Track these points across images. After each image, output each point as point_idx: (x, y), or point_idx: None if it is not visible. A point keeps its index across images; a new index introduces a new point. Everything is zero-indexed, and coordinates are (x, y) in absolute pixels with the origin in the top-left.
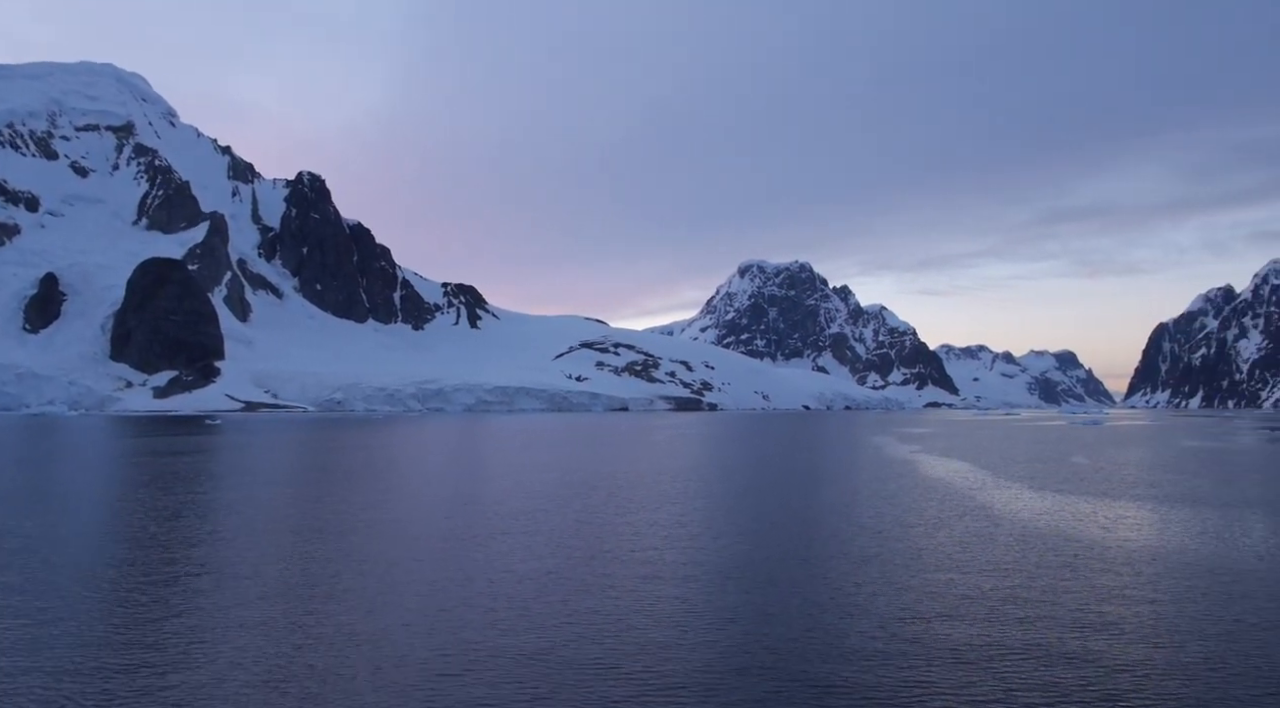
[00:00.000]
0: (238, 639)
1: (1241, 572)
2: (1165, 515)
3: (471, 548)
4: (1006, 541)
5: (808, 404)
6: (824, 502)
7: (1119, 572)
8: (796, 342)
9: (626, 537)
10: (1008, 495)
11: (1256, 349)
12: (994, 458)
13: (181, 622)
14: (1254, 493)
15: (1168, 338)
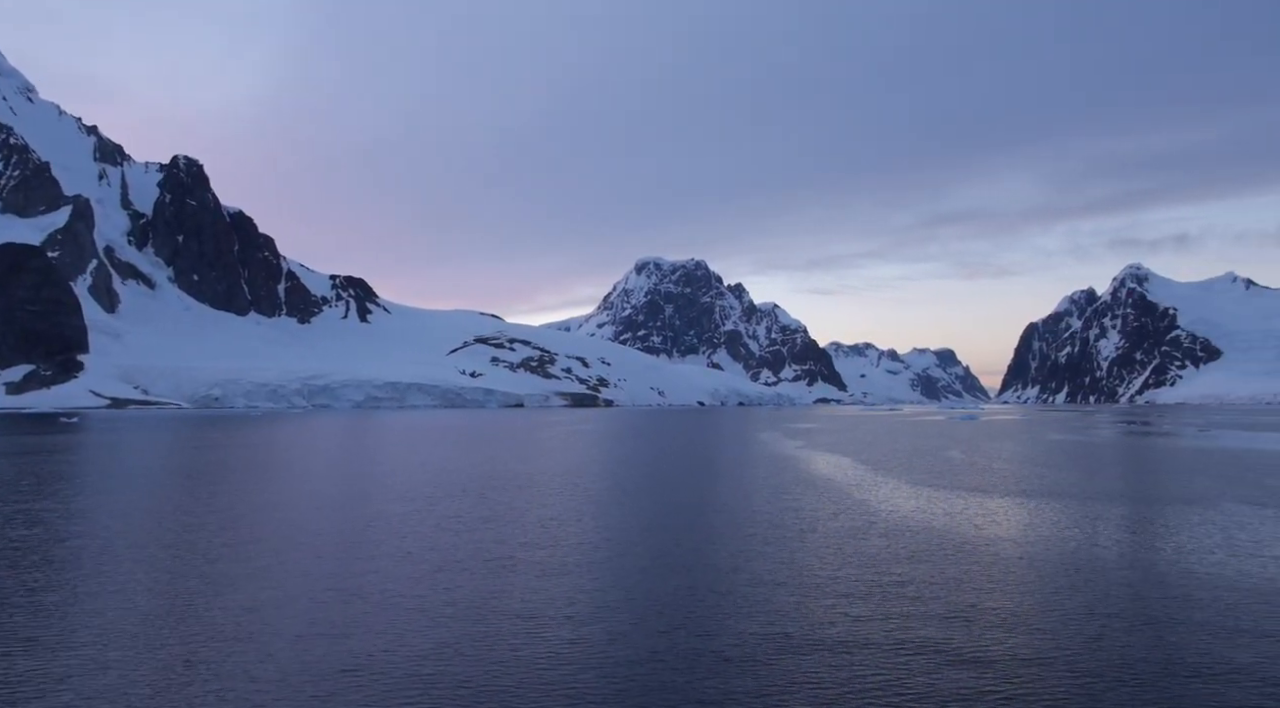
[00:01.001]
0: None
1: (1101, 563)
2: (1033, 510)
3: (304, 562)
4: (879, 538)
5: (702, 400)
6: (705, 500)
7: (986, 565)
8: (692, 339)
9: (486, 544)
10: (884, 492)
11: (1115, 348)
12: (874, 453)
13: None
14: (1114, 487)
15: (1037, 337)
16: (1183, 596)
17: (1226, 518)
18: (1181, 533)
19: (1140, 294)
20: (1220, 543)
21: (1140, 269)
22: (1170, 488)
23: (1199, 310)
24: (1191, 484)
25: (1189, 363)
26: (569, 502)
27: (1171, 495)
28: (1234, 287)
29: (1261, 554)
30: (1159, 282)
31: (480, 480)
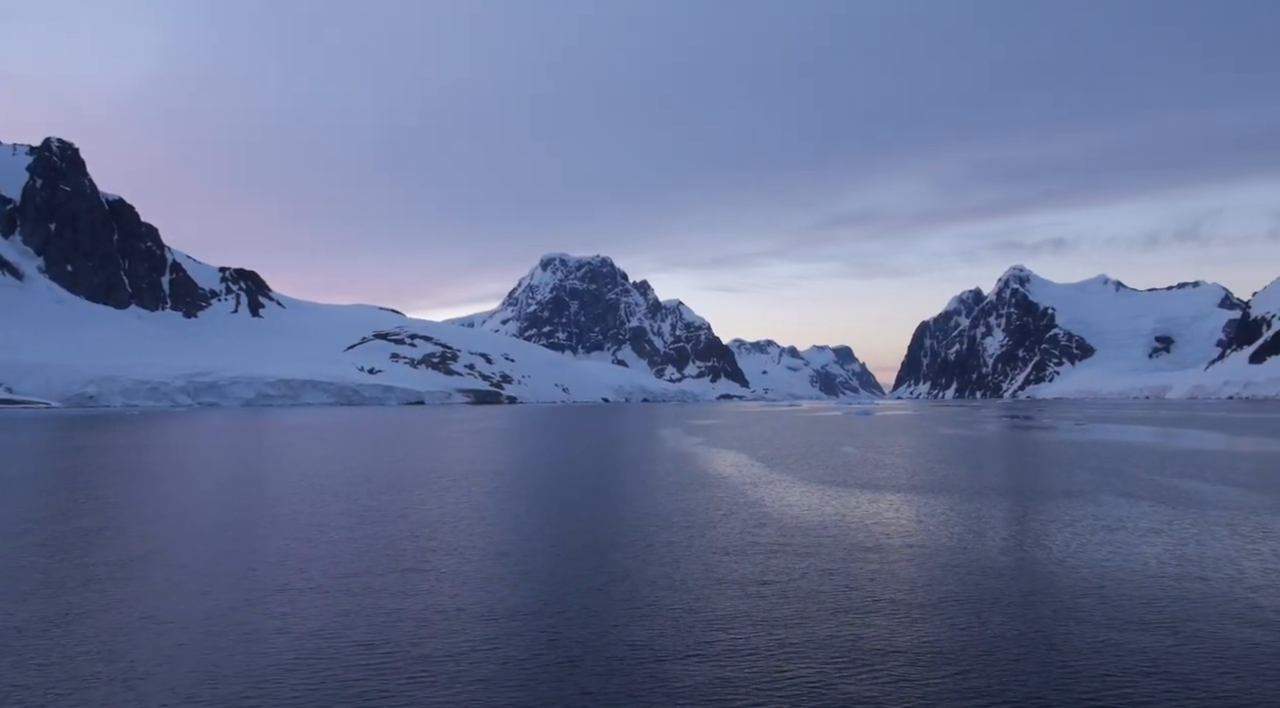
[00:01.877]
0: None
1: (989, 558)
2: (923, 506)
3: (118, 579)
4: (771, 537)
5: (607, 397)
6: (598, 500)
7: (876, 562)
8: (597, 335)
9: (345, 558)
10: (778, 490)
11: (999, 346)
12: (772, 450)
13: None
14: (1001, 481)
15: (929, 335)
16: (1066, 588)
17: (1105, 511)
18: (1065, 528)
19: (1022, 295)
20: (1103, 540)
21: (1022, 271)
22: (1053, 482)
23: (1075, 310)
24: (1072, 478)
25: (1066, 360)
26: (451, 504)
27: (1054, 490)
28: (1105, 288)
29: (1140, 548)
30: (1039, 283)
31: (358, 482)
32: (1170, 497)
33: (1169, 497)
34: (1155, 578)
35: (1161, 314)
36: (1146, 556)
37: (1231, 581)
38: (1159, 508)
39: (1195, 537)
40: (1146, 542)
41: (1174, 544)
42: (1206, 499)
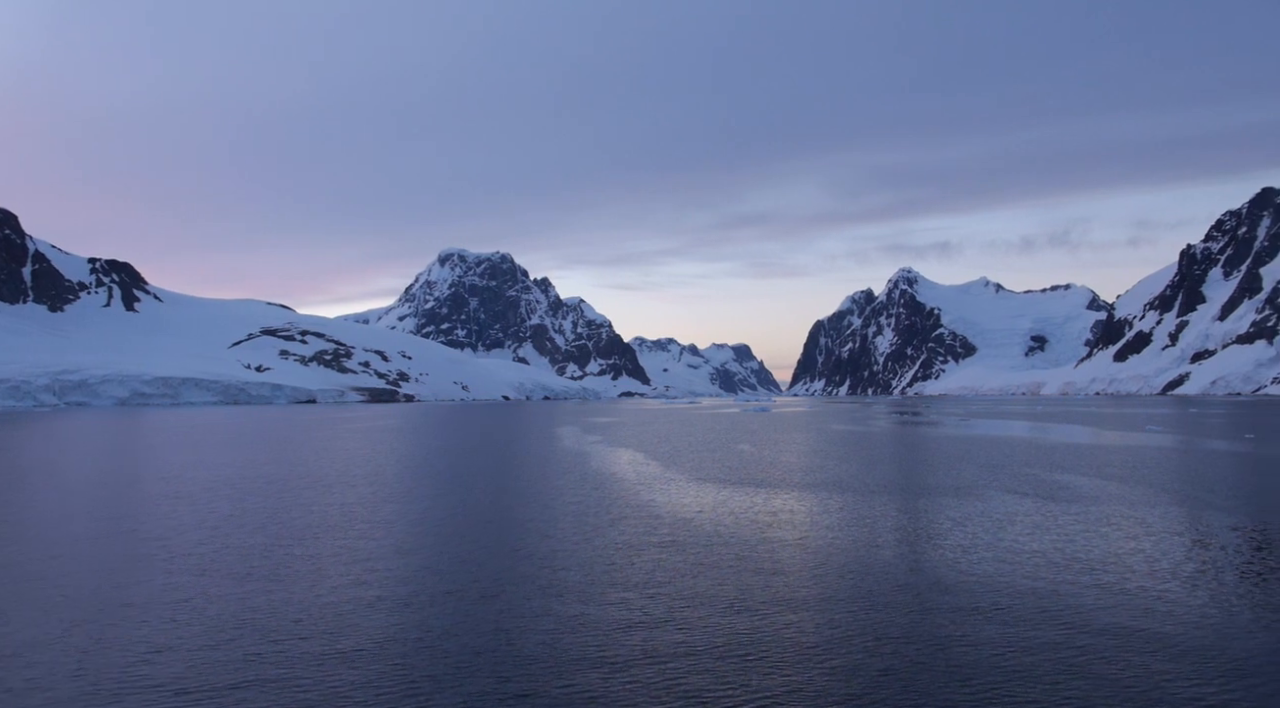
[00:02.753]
0: None
1: (881, 557)
2: (816, 504)
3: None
4: (663, 538)
5: (507, 395)
6: (488, 501)
7: (767, 561)
8: (498, 332)
9: (186, 577)
10: (672, 489)
11: (889, 344)
12: (669, 448)
13: None
14: (892, 478)
15: (823, 334)
16: (957, 584)
17: (993, 507)
18: (957, 526)
19: (911, 295)
20: (993, 539)
21: (911, 273)
22: (942, 479)
23: (959, 311)
24: (961, 474)
25: (951, 358)
26: (332, 509)
27: (944, 486)
28: (986, 290)
29: (1028, 544)
30: (926, 284)
31: (223, 486)
32: (1053, 492)
33: (1051, 492)
34: (1042, 573)
35: (1037, 315)
36: (1033, 551)
37: (1117, 573)
38: (1044, 504)
39: (1082, 532)
40: (1033, 538)
41: (1060, 540)
42: (1086, 493)
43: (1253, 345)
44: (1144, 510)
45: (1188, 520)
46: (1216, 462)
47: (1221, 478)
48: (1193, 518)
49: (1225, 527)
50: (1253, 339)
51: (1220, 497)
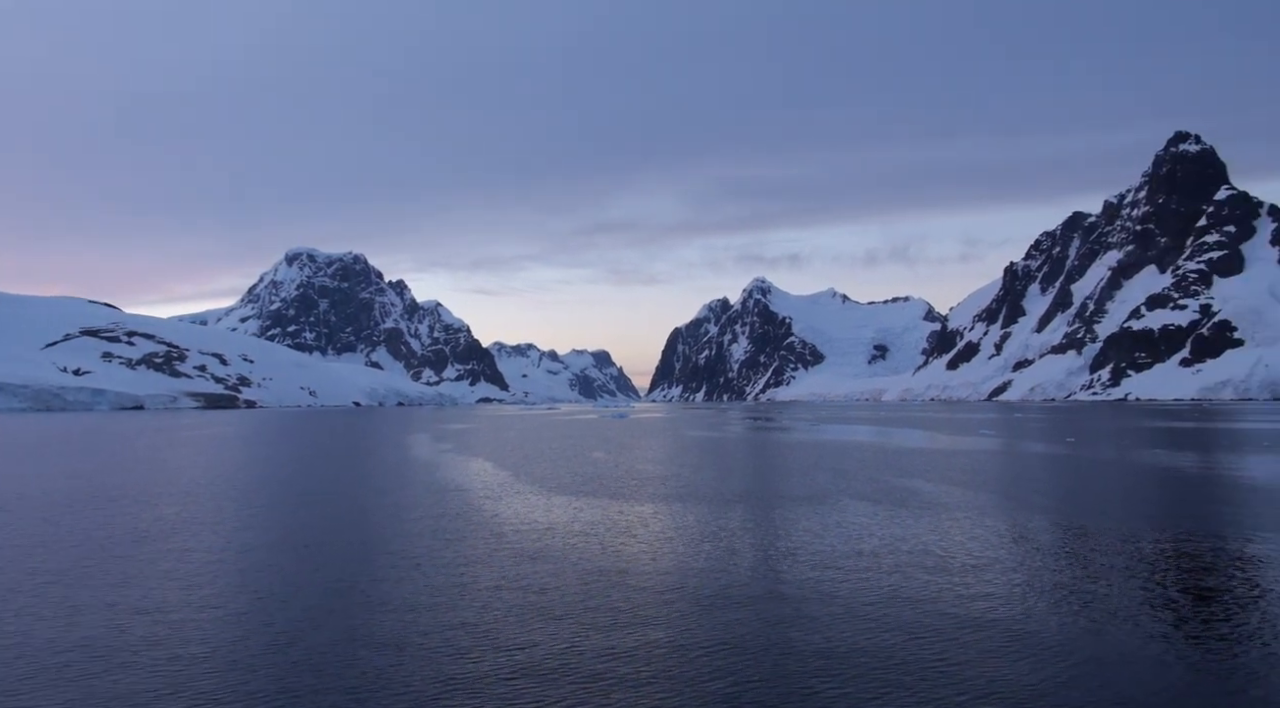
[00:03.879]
0: None
1: (736, 569)
2: (670, 515)
3: None
4: (505, 554)
5: (359, 401)
6: (322, 512)
7: (615, 577)
8: (349, 336)
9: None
10: (520, 500)
11: (744, 351)
12: (522, 456)
13: None
14: (748, 486)
15: (681, 340)
16: (812, 596)
17: (850, 517)
18: (816, 538)
19: (764, 304)
20: (851, 551)
21: (764, 282)
22: (797, 486)
23: (808, 320)
24: (815, 481)
25: (801, 365)
26: (143, 526)
27: (800, 495)
28: (834, 301)
29: (886, 556)
30: (779, 294)
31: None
32: (904, 499)
33: (903, 499)
34: (898, 583)
35: (879, 325)
36: (890, 562)
37: (974, 579)
38: (898, 512)
39: (939, 543)
40: (891, 549)
41: (916, 551)
42: (938, 500)
43: (1065, 355)
44: (993, 517)
45: (1036, 524)
46: (1048, 465)
47: (1055, 481)
48: (1041, 522)
49: (1062, 528)
50: (1065, 350)
51: (1056, 500)
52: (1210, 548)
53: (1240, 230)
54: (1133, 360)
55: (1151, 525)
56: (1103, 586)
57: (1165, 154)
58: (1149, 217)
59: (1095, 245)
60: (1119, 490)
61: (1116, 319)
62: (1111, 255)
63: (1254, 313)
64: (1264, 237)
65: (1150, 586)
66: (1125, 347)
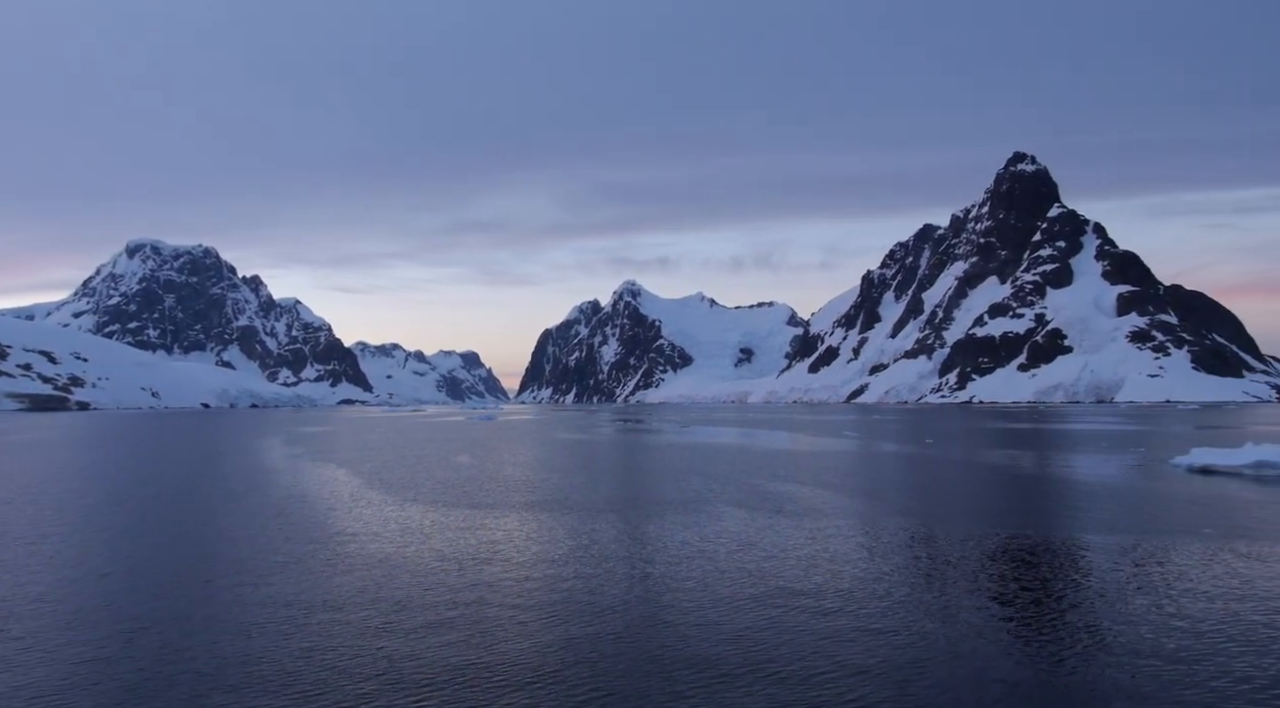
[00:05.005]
0: None
1: (608, 580)
2: (537, 524)
3: None
4: (348, 574)
5: (208, 402)
6: (144, 527)
7: (482, 596)
8: (198, 333)
9: None
10: (370, 511)
11: (614, 353)
12: (380, 461)
13: None
14: (619, 492)
15: (551, 342)
16: (688, 606)
17: (730, 526)
18: (698, 550)
19: (634, 307)
20: (731, 566)
21: (634, 285)
22: (670, 492)
23: (677, 323)
24: (689, 486)
25: (670, 368)
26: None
27: (673, 500)
28: (702, 305)
29: (764, 563)
30: (649, 297)
31: None
32: (780, 504)
33: (779, 504)
34: (777, 590)
35: (744, 329)
36: (768, 570)
37: (861, 589)
38: (776, 518)
39: (823, 553)
40: (770, 560)
41: (794, 561)
42: (814, 505)
43: (916, 360)
44: (871, 522)
45: (908, 528)
46: (914, 466)
47: (923, 482)
48: (914, 525)
49: (932, 530)
50: (916, 355)
51: (926, 502)
52: (1049, 546)
53: (1070, 246)
54: (977, 365)
55: (1005, 525)
56: (962, 587)
57: (1005, 173)
58: (991, 231)
59: (944, 256)
60: (978, 491)
61: (962, 326)
62: (958, 266)
63: (1081, 322)
64: (1090, 252)
65: (995, 582)
66: (970, 352)
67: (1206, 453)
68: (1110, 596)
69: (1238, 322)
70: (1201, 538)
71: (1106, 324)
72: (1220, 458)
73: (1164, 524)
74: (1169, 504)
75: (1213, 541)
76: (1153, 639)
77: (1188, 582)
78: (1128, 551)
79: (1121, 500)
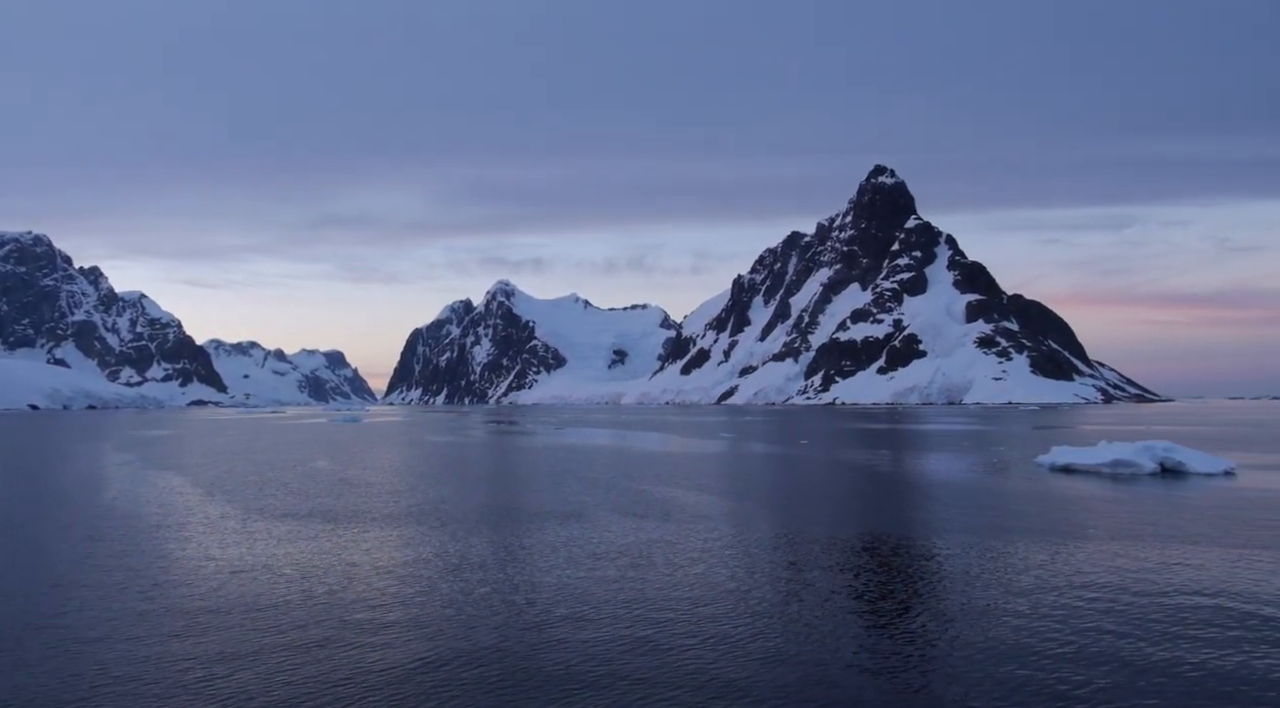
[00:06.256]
0: None
1: (478, 603)
2: (405, 540)
3: None
4: (178, 594)
5: (36, 403)
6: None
7: (339, 629)
8: (26, 329)
9: None
10: (207, 529)
11: (486, 354)
12: (225, 468)
13: None
14: (493, 500)
15: (421, 342)
16: (566, 621)
17: (614, 535)
18: (585, 569)
19: (508, 308)
20: (615, 574)
21: (508, 285)
22: (548, 499)
23: (551, 324)
24: (568, 492)
25: (544, 369)
26: None
27: (552, 509)
28: (576, 306)
29: (635, 571)
30: (522, 298)
31: None
32: (668, 511)
33: (667, 511)
34: (653, 601)
35: (619, 331)
36: (646, 579)
37: (739, 595)
38: (665, 526)
39: (709, 560)
40: (643, 563)
41: (686, 566)
42: (703, 511)
43: (784, 363)
44: (756, 526)
45: (795, 532)
46: (793, 467)
47: (805, 484)
48: (797, 530)
49: (821, 532)
50: (784, 358)
51: (809, 505)
52: (937, 549)
53: (924, 256)
54: (840, 368)
55: (898, 529)
56: (853, 594)
57: (866, 184)
58: (853, 239)
59: (810, 263)
60: (865, 493)
61: (827, 330)
62: (823, 272)
63: (934, 328)
64: (943, 262)
65: (881, 587)
66: (834, 356)
67: (1067, 452)
68: (980, 595)
69: (1069, 329)
70: (1085, 537)
71: (957, 330)
72: (1079, 457)
73: (1025, 523)
74: (1038, 503)
75: (1085, 540)
76: (1014, 639)
77: (1032, 576)
78: (1009, 552)
79: (998, 501)
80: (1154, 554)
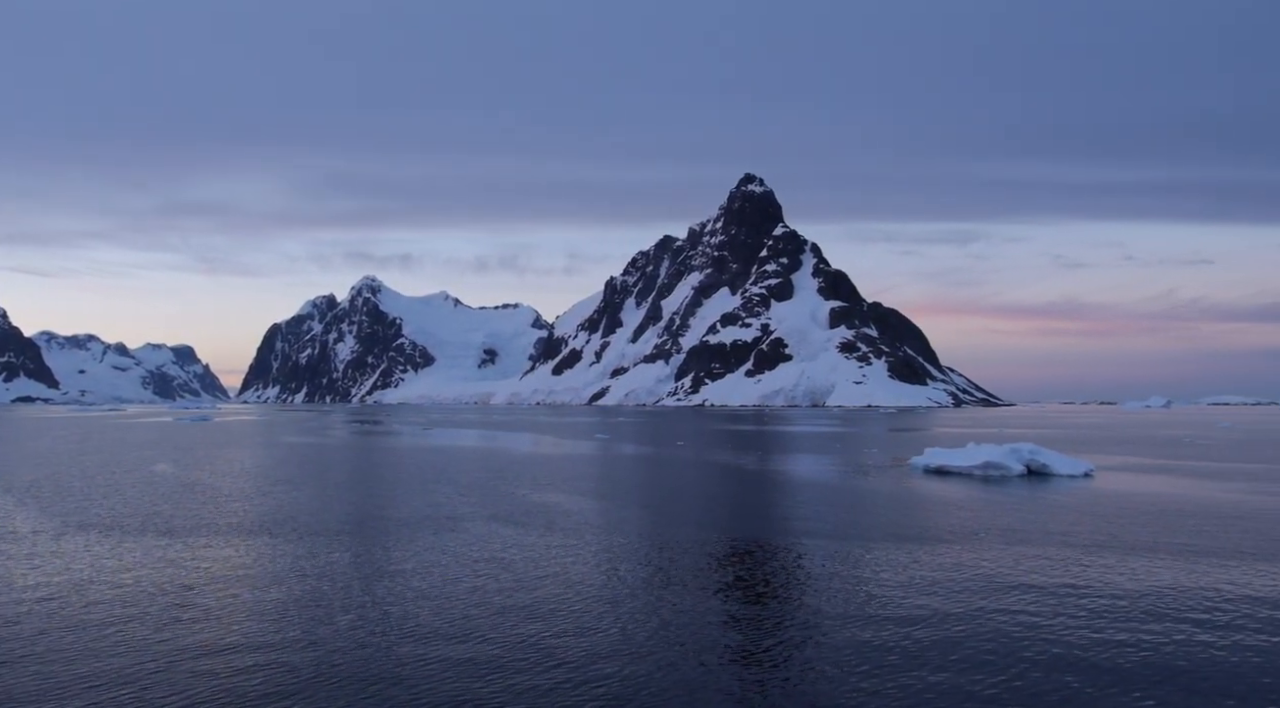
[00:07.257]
0: None
1: (331, 632)
2: (254, 554)
3: None
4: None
5: None
6: None
7: (173, 656)
8: None
9: None
10: (17, 543)
11: (350, 352)
12: (46, 472)
13: None
14: (352, 507)
15: (280, 338)
16: (432, 635)
17: (492, 549)
18: (465, 587)
19: (374, 304)
20: (494, 585)
21: (374, 281)
22: (418, 506)
23: (420, 322)
24: (439, 498)
25: (411, 367)
26: None
27: (422, 517)
28: (446, 304)
29: (510, 587)
30: (389, 294)
31: None
32: (551, 519)
33: (550, 519)
34: (526, 611)
35: (489, 330)
36: (521, 593)
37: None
38: (547, 535)
39: (589, 568)
40: (519, 574)
41: (566, 575)
42: (587, 518)
43: (655, 364)
44: (641, 531)
45: (682, 537)
46: (672, 469)
47: (683, 485)
48: (690, 534)
49: (703, 535)
50: (655, 359)
51: (691, 507)
52: (828, 552)
53: (791, 263)
54: (709, 370)
55: (782, 532)
56: (733, 598)
57: (737, 192)
58: (724, 245)
59: (682, 266)
60: (747, 495)
61: (697, 333)
62: (695, 276)
63: (799, 333)
64: (808, 269)
65: (764, 590)
66: (703, 358)
67: (939, 454)
68: (859, 596)
69: (923, 336)
70: (969, 540)
71: (821, 335)
72: (951, 459)
73: (910, 529)
74: (918, 508)
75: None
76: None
77: (887, 573)
78: (875, 554)
79: (880, 504)
80: (1032, 554)
